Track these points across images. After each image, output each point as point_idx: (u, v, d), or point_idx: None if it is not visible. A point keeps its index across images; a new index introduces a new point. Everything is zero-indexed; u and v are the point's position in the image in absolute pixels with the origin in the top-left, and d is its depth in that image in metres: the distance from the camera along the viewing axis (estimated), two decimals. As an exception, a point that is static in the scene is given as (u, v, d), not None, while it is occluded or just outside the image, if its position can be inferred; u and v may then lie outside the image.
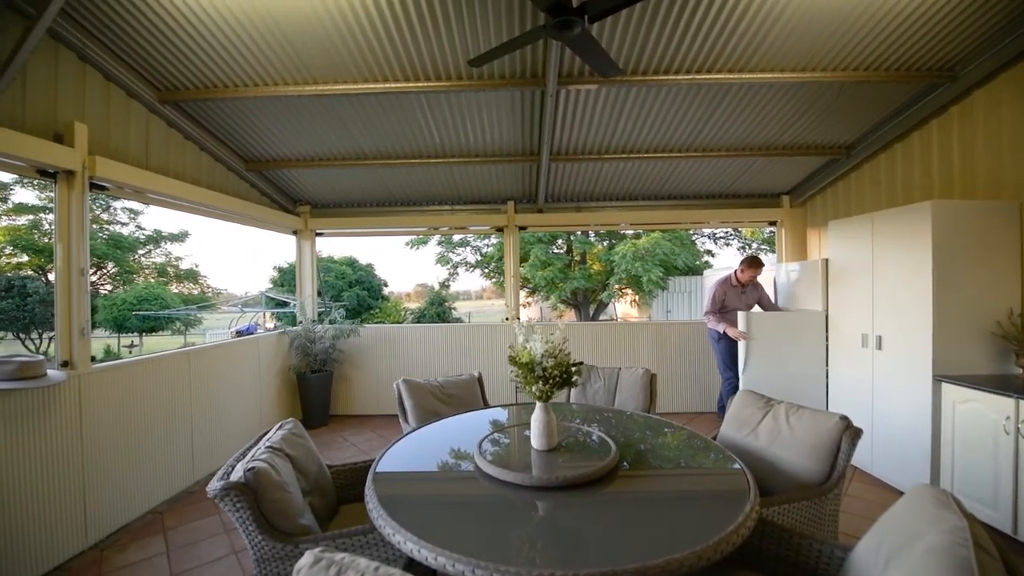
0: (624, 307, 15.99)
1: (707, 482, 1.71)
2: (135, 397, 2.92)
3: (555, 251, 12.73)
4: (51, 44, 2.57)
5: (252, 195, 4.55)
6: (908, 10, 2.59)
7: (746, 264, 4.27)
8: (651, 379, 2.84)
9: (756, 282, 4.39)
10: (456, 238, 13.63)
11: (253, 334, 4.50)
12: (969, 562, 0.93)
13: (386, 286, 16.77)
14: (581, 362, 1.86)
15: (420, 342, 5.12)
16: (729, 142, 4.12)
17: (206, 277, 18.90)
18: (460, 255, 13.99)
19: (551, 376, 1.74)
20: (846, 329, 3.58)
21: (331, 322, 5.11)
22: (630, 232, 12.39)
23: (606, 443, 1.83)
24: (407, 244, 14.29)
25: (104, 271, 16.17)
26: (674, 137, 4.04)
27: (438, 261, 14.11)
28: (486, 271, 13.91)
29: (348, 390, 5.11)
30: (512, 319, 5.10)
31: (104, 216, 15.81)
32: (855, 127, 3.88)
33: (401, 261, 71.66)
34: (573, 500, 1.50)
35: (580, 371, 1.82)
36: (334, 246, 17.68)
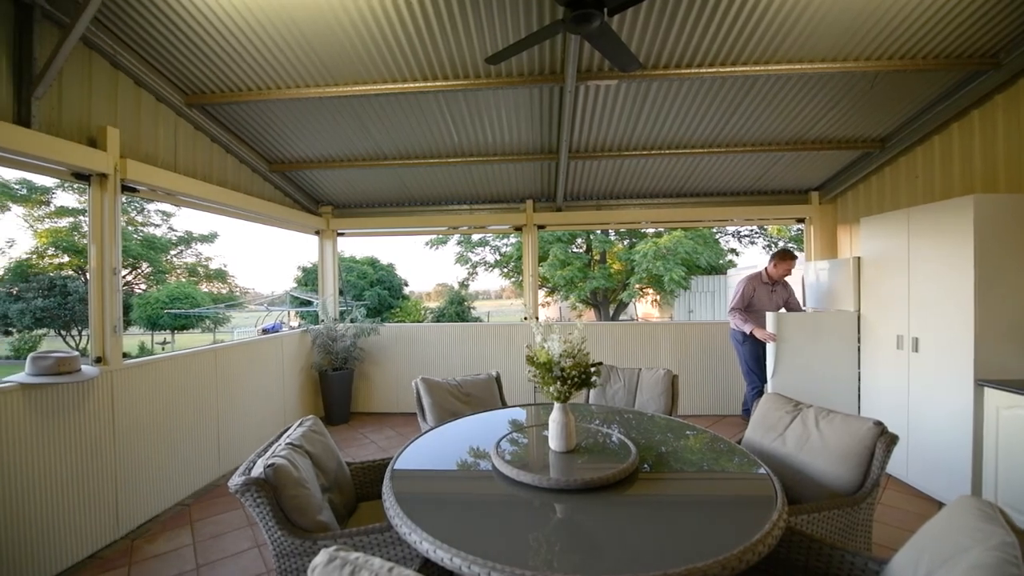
0: (645, 307, 15.78)
1: (731, 487, 1.65)
2: (164, 392, 3.02)
3: (574, 250, 12.62)
4: (84, 51, 2.68)
5: (276, 196, 4.64)
6: (948, -6, 2.46)
7: (778, 258, 4.04)
8: (673, 380, 2.77)
9: (786, 282, 4.21)
10: (475, 238, 13.67)
11: (278, 332, 4.59)
12: (1020, 582, 0.86)
13: (406, 285, 16.98)
14: (600, 362, 1.82)
15: (439, 341, 5.14)
16: (755, 137, 4.00)
17: (234, 276, 19.52)
18: (479, 255, 14.05)
19: (569, 376, 1.71)
20: (880, 330, 3.43)
21: (352, 321, 5.19)
22: (651, 230, 12.20)
23: (626, 445, 1.80)
24: (427, 244, 14.43)
25: (139, 271, 16.84)
26: (697, 132, 3.94)
27: (457, 261, 14.21)
28: (505, 271, 13.92)
29: (368, 388, 5.17)
30: (530, 318, 5.08)
31: (139, 218, 16.47)
32: (889, 119, 3.71)
33: (421, 261, 72.57)
34: (592, 503, 1.47)
35: (599, 372, 1.79)
36: (356, 246, 17.98)
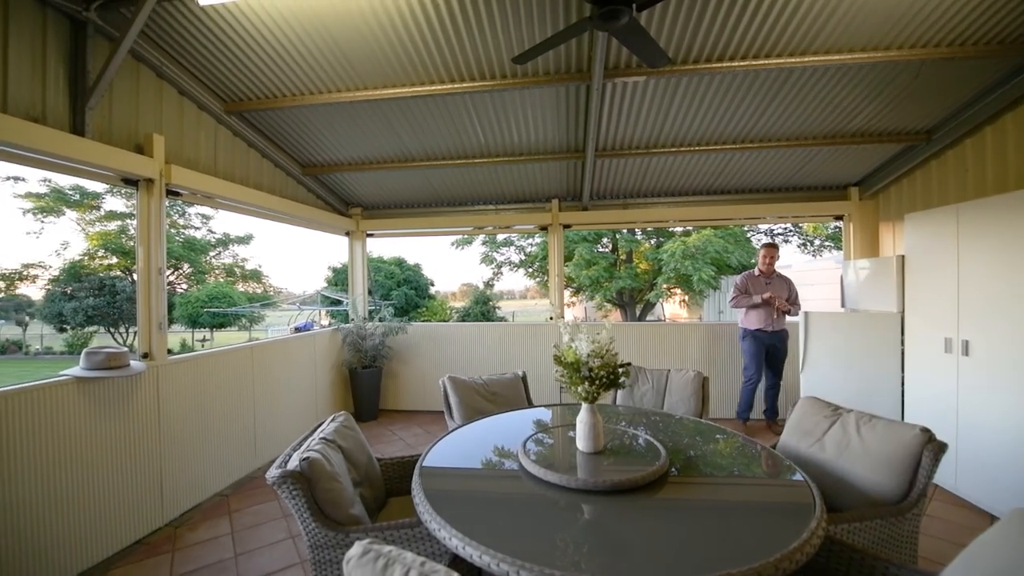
0: (672, 307, 15.47)
1: (765, 493, 1.61)
2: (205, 387, 3.15)
3: (600, 250, 12.50)
4: (133, 64, 2.83)
5: (308, 199, 4.78)
6: (1003, -25, 2.32)
7: (762, 250, 4.35)
8: (703, 382, 2.71)
9: (784, 277, 4.35)
10: (500, 238, 13.72)
11: (310, 331, 4.73)
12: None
13: (432, 285, 17.21)
14: (629, 363, 1.80)
15: (465, 340, 5.19)
16: (789, 131, 3.86)
17: (268, 277, 20.23)
18: (504, 255, 14.09)
19: (597, 377, 1.69)
20: (926, 333, 3.25)
21: (381, 320, 5.30)
22: (679, 229, 11.95)
23: (654, 447, 1.77)
24: (452, 244, 14.58)
25: (180, 271, 17.68)
26: (728, 128, 3.83)
27: (482, 261, 14.29)
28: (530, 271, 13.92)
29: (396, 386, 5.26)
30: (556, 318, 5.06)
31: (180, 221, 17.29)
32: (936, 110, 3.51)
33: (447, 261, 73.46)
34: (620, 505, 1.45)
35: (627, 372, 1.77)
36: (384, 246, 18.34)
